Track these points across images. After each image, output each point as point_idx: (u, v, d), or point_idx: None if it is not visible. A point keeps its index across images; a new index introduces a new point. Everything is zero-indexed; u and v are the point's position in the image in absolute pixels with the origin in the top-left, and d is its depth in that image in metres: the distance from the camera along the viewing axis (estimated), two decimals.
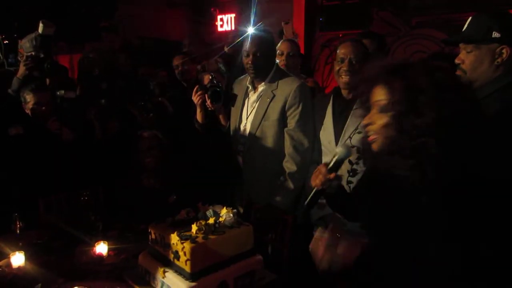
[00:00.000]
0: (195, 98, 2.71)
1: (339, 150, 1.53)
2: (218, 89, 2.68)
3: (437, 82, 1.21)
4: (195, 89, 2.73)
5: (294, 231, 2.31)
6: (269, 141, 2.56)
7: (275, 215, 2.39)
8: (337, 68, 2.36)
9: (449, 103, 1.18)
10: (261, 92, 2.60)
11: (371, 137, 1.32)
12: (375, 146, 1.32)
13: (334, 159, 1.53)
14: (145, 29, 6.31)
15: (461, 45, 1.86)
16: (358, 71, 2.31)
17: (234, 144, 2.70)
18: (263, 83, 2.59)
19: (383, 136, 1.29)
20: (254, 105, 2.62)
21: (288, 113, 2.51)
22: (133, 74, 3.95)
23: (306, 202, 1.61)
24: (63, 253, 2.02)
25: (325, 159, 2.41)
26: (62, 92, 2.79)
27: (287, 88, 2.51)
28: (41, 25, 2.77)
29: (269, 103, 2.53)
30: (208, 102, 2.66)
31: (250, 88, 2.65)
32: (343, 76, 2.34)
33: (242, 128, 2.66)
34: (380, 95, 1.30)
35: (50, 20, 3.03)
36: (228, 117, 2.77)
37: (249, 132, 2.60)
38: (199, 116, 2.76)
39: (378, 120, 1.30)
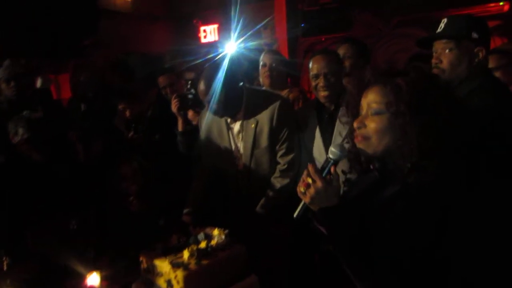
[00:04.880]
0: (172, 106, 2.72)
1: (330, 150, 1.37)
2: (190, 96, 2.70)
3: (437, 84, 1.25)
4: (173, 96, 2.76)
5: (289, 245, 2.31)
6: (266, 168, 2.47)
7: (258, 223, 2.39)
8: (313, 84, 2.39)
9: (452, 104, 1.21)
10: (242, 121, 2.45)
11: (359, 139, 1.29)
12: (367, 148, 1.29)
13: (324, 159, 1.39)
14: (129, 44, 6.29)
15: (440, 43, 1.89)
16: (334, 84, 2.34)
17: (233, 180, 2.57)
18: (241, 113, 2.44)
19: (377, 139, 1.26)
20: (240, 136, 2.48)
21: (275, 135, 2.42)
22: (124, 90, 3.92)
23: (296, 215, 1.41)
24: (55, 287, 1.98)
25: None
26: (28, 112, 2.66)
27: (269, 109, 2.38)
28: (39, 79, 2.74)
29: (255, 130, 2.41)
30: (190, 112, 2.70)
31: (230, 120, 2.50)
32: (321, 92, 2.36)
33: (236, 162, 2.52)
34: (374, 97, 1.27)
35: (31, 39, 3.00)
36: None
37: (244, 164, 2.49)
38: (179, 125, 2.77)
39: (371, 123, 1.26)
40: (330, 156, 1.34)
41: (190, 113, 2.77)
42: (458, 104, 1.25)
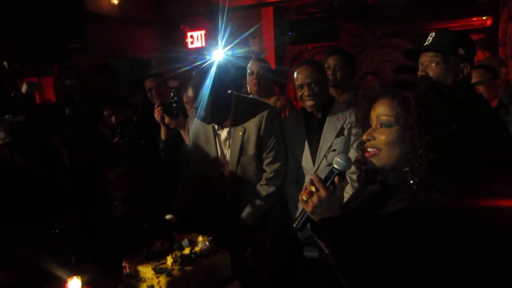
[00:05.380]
0: (155, 114, 2.73)
1: (335, 160, 1.32)
2: (174, 104, 2.69)
3: (447, 97, 1.20)
4: (156, 105, 2.75)
5: (273, 252, 2.31)
6: (252, 175, 2.49)
7: (242, 229, 2.40)
8: (299, 94, 2.43)
9: (467, 117, 1.17)
10: (230, 128, 2.46)
11: (370, 152, 1.27)
12: (376, 161, 1.26)
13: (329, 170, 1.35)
14: (116, 48, 6.25)
15: (427, 56, 1.91)
16: (319, 94, 2.37)
17: (218, 186, 2.58)
18: (229, 120, 2.44)
19: (387, 151, 1.23)
20: (227, 143, 2.48)
21: (263, 144, 2.44)
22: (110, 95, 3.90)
23: (296, 225, 1.35)
24: None
25: (306, 179, 2.46)
26: (10, 116, 2.63)
27: (256, 118, 2.40)
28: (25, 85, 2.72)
29: (242, 137, 2.42)
30: (166, 117, 2.69)
31: (217, 127, 2.50)
32: (307, 101, 2.40)
33: (222, 169, 2.54)
34: (383, 110, 1.25)
35: (15, 42, 2.94)
36: None
37: (230, 171, 2.50)
38: (162, 133, 2.80)
39: (380, 135, 1.24)
40: (335, 166, 1.30)
41: (167, 119, 2.75)
42: (468, 115, 1.20)
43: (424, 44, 1.94)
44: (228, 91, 2.45)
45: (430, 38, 1.92)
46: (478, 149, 1.18)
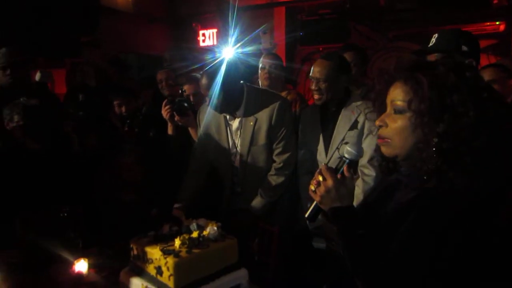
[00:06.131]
0: (164, 112, 2.71)
1: (346, 149, 1.29)
2: (185, 103, 2.67)
3: (468, 81, 1.10)
4: (163, 103, 2.72)
5: (281, 242, 2.30)
6: (262, 165, 2.48)
7: (250, 219, 2.39)
8: (311, 86, 2.45)
9: (487, 103, 1.08)
10: (241, 118, 2.45)
11: (381, 140, 1.20)
12: (386, 150, 1.20)
13: (339, 160, 1.32)
14: (128, 44, 6.30)
15: (432, 57, 1.92)
16: (325, 90, 2.38)
17: (228, 176, 2.58)
18: (241, 110, 2.44)
19: (399, 141, 1.16)
20: (238, 133, 2.47)
21: (273, 134, 2.44)
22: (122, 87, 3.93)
23: (307, 215, 1.33)
24: (41, 272, 1.95)
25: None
26: (24, 99, 2.61)
27: (268, 108, 2.40)
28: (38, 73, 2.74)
29: (254, 127, 2.41)
30: (175, 115, 2.67)
31: (229, 117, 2.50)
32: (314, 94, 2.43)
33: (232, 158, 2.53)
34: (397, 94, 1.16)
35: (29, 35, 3.01)
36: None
37: (241, 161, 2.49)
38: (170, 130, 2.78)
39: (392, 123, 1.17)
40: (346, 155, 1.27)
41: (177, 117, 2.73)
42: (490, 101, 1.09)
43: (428, 46, 1.98)
44: (241, 82, 2.46)
45: (433, 39, 1.97)
46: (497, 138, 1.09)
